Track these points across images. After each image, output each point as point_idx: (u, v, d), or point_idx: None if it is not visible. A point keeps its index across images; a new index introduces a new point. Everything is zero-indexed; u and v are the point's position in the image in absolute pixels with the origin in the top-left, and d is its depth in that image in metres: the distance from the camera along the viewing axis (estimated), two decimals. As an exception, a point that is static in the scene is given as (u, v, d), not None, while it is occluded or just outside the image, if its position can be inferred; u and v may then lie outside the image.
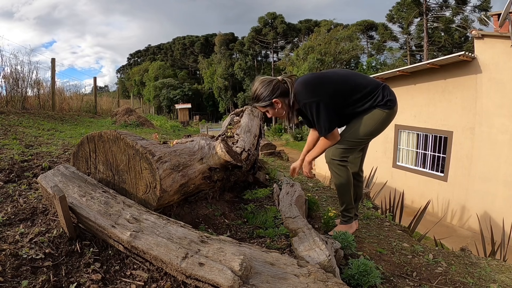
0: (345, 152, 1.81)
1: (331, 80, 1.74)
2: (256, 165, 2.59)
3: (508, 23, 5.56)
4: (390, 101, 1.73)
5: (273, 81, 1.74)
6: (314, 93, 1.68)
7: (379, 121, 1.75)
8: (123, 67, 65.36)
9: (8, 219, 1.35)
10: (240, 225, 1.86)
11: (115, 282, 1.13)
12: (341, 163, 1.82)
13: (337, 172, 1.84)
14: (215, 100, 41.47)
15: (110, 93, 28.70)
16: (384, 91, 1.75)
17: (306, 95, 1.68)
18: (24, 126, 4.04)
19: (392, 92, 1.78)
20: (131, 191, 1.48)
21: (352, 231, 1.95)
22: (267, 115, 1.87)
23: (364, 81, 1.77)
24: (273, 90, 1.72)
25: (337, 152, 1.80)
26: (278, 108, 1.76)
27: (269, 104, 1.75)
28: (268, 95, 1.72)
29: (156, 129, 7.59)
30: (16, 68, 5.93)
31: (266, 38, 36.25)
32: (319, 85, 1.71)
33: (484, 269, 1.84)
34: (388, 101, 1.73)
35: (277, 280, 1.05)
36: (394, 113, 1.78)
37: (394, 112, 1.78)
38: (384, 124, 1.78)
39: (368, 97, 1.73)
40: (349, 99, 1.73)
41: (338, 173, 1.84)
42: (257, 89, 1.75)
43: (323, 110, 1.66)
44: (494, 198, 5.83)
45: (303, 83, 1.73)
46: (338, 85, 1.73)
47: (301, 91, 1.70)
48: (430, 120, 7.17)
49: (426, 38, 25.34)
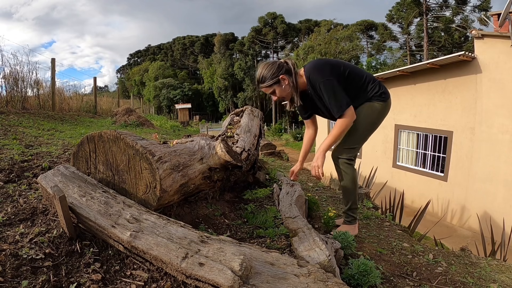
0: (351, 151, 1.86)
1: (339, 64, 1.82)
2: (256, 165, 2.59)
3: (508, 23, 5.56)
4: (384, 94, 1.85)
5: (277, 62, 1.82)
6: (329, 73, 1.74)
7: (376, 113, 1.83)
8: (123, 67, 65.41)
9: (8, 219, 1.35)
10: (240, 225, 1.86)
11: (115, 282, 1.13)
12: (348, 161, 1.87)
13: (344, 171, 1.88)
14: (215, 100, 41.48)
15: (110, 93, 28.76)
16: (380, 84, 1.86)
17: (321, 74, 1.74)
18: (24, 126, 4.04)
19: (385, 87, 1.89)
20: (131, 191, 1.48)
21: (354, 233, 1.96)
22: (272, 98, 1.90)
23: (364, 72, 1.88)
24: (278, 68, 1.79)
25: (344, 151, 1.86)
26: (285, 84, 1.80)
27: (276, 81, 1.79)
28: (274, 73, 1.78)
29: (156, 129, 7.58)
30: (16, 68, 5.93)
31: (266, 38, 36.27)
32: (332, 67, 1.78)
33: (484, 269, 1.84)
34: (383, 93, 1.84)
35: (277, 280, 1.05)
36: (388, 105, 1.88)
37: (388, 104, 1.88)
38: (381, 116, 1.86)
39: (368, 86, 1.83)
40: (353, 84, 1.81)
41: (345, 171, 1.88)
42: (262, 71, 1.80)
43: (337, 88, 1.71)
44: (494, 198, 5.83)
45: (316, 65, 1.79)
46: (345, 69, 1.80)
47: (316, 71, 1.76)
48: (430, 120, 7.17)
49: (426, 38, 25.34)
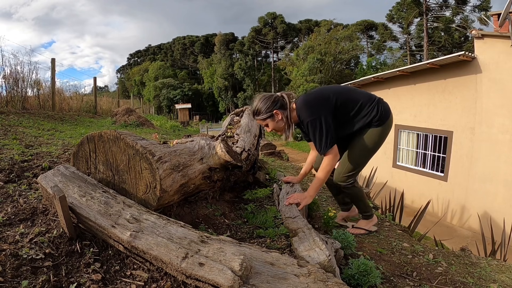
0: (351, 176, 1.96)
1: (329, 97, 1.82)
2: (256, 165, 2.59)
3: (508, 23, 5.55)
4: (383, 115, 1.83)
5: (273, 96, 1.86)
6: (316, 110, 1.76)
7: (375, 138, 1.86)
8: (123, 67, 65.35)
9: (8, 219, 1.35)
10: (240, 225, 1.86)
11: (115, 282, 1.13)
12: (350, 185, 1.98)
13: (347, 191, 2.06)
14: (215, 100, 41.47)
15: (110, 93, 28.73)
16: (379, 104, 1.85)
17: (307, 112, 1.76)
18: (24, 126, 4.04)
19: (385, 104, 1.89)
20: (131, 191, 1.48)
21: (375, 222, 2.18)
22: (266, 129, 1.95)
23: (360, 96, 1.87)
24: (273, 102, 1.83)
25: (342, 178, 1.97)
26: (278, 119, 1.84)
27: (270, 115, 1.83)
28: (269, 107, 1.82)
29: (156, 129, 7.58)
30: (16, 68, 5.93)
31: (266, 38, 36.25)
32: (320, 103, 1.79)
33: (484, 269, 1.84)
34: (382, 115, 1.83)
35: (277, 280, 1.05)
36: (389, 125, 1.89)
37: (388, 124, 1.88)
38: (380, 139, 1.89)
39: (364, 111, 1.83)
40: (347, 115, 1.83)
41: (348, 191, 2.05)
42: (258, 103, 1.84)
43: (324, 126, 1.73)
44: (494, 198, 5.83)
45: (304, 102, 1.81)
46: (338, 99, 1.81)
47: (303, 109, 1.79)
48: (430, 120, 7.16)
49: (426, 38, 25.34)
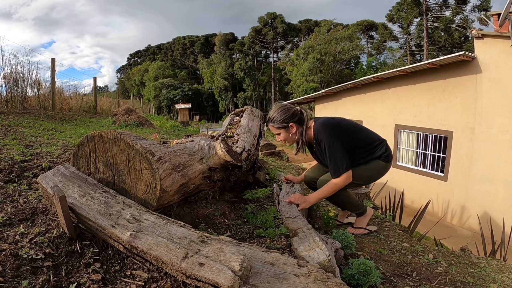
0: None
1: (347, 126, 1.87)
2: (256, 165, 2.59)
3: (508, 23, 5.56)
4: (389, 156, 1.93)
5: (292, 108, 1.86)
6: (335, 134, 1.78)
7: (379, 170, 1.91)
8: (123, 67, 65.33)
9: (8, 219, 1.35)
10: (240, 225, 1.86)
11: (115, 282, 1.13)
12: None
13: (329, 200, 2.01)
14: (215, 100, 41.45)
15: (110, 93, 28.73)
16: (387, 145, 1.95)
17: (327, 134, 1.78)
18: (24, 126, 4.04)
19: (389, 147, 1.98)
20: (131, 191, 1.48)
21: (371, 214, 2.14)
22: (276, 137, 1.95)
23: (371, 136, 1.94)
24: (292, 115, 1.83)
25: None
26: (292, 132, 1.85)
27: (285, 126, 1.84)
28: (286, 118, 1.82)
29: (156, 129, 7.58)
30: (16, 68, 5.94)
31: (266, 38, 36.24)
32: (339, 128, 1.82)
33: (484, 269, 1.84)
34: (388, 155, 1.92)
35: (277, 280, 1.05)
36: (389, 166, 1.97)
37: (390, 165, 1.96)
38: (380, 174, 1.95)
39: (376, 147, 1.90)
40: (357, 149, 1.86)
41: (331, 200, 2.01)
42: (276, 113, 1.85)
43: (340, 150, 1.75)
44: (494, 198, 5.83)
45: (325, 124, 1.82)
46: (353, 132, 1.86)
47: (323, 130, 1.79)
48: (430, 120, 7.17)
49: (426, 38, 25.33)
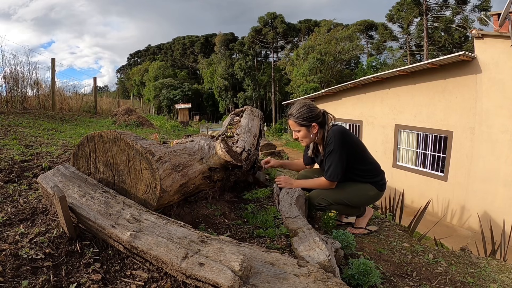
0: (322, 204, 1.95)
1: (357, 142, 1.91)
2: (256, 165, 2.58)
3: (508, 23, 5.56)
4: (383, 185, 1.96)
5: (318, 109, 1.88)
6: (344, 144, 1.82)
7: (369, 196, 1.93)
8: (123, 67, 65.33)
9: (8, 219, 1.35)
10: (240, 225, 1.86)
11: (115, 282, 1.13)
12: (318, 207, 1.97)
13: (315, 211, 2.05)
14: (215, 100, 41.45)
15: (110, 93, 28.75)
16: (382, 175, 1.98)
17: (338, 140, 1.81)
18: (24, 126, 4.04)
19: (385, 178, 2.01)
20: (131, 191, 1.48)
21: (371, 214, 2.15)
22: (294, 134, 1.96)
23: (373, 160, 1.97)
24: (317, 115, 1.85)
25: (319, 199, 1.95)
26: (313, 133, 1.87)
27: (308, 125, 1.85)
28: (311, 117, 1.84)
29: (156, 129, 7.58)
30: (16, 69, 5.95)
31: (266, 38, 36.23)
32: (350, 138, 1.85)
33: (484, 269, 1.84)
34: (383, 184, 1.96)
35: (277, 280, 1.05)
36: (381, 196, 2.00)
37: (381, 195, 1.99)
38: (371, 200, 1.97)
39: (369, 172, 1.91)
40: (357, 165, 1.88)
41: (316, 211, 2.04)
42: (303, 108, 1.85)
43: (341, 159, 1.80)
44: (494, 198, 5.84)
45: (341, 131, 1.84)
46: (360, 148, 1.90)
47: (336, 135, 1.82)
48: (430, 120, 7.17)
49: (426, 38, 25.33)
